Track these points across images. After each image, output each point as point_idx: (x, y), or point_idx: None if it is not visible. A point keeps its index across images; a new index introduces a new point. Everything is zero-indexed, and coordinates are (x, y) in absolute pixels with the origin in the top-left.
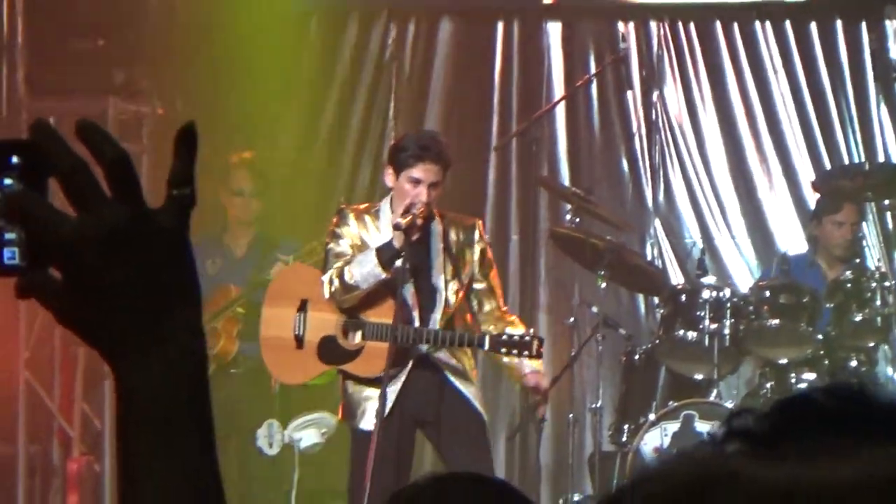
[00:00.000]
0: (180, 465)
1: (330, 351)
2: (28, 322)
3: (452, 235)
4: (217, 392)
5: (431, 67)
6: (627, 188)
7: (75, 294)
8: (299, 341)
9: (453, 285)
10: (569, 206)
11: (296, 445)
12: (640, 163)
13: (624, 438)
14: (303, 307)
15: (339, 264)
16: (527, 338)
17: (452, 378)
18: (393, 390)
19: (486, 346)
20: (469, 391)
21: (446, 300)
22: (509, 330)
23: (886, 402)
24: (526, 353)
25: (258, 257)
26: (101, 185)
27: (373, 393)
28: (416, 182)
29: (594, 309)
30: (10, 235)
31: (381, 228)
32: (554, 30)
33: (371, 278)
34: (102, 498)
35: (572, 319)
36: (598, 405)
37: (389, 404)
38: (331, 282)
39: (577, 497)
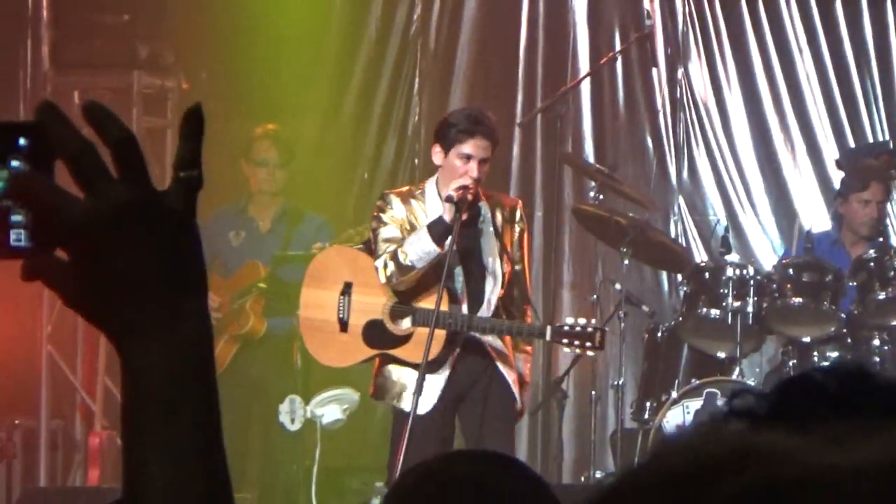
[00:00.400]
0: (187, 447)
1: (377, 335)
2: (51, 295)
3: (498, 216)
4: (243, 368)
5: (456, 43)
6: (652, 165)
7: (82, 276)
8: (343, 325)
9: (504, 267)
10: (593, 183)
11: (318, 421)
12: (665, 140)
13: (646, 416)
14: (346, 290)
15: (391, 248)
16: (589, 329)
17: (498, 362)
18: (444, 376)
19: (549, 337)
20: (510, 377)
21: (500, 283)
22: (569, 320)
23: (887, 382)
24: (589, 343)
25: (283, 232)
26: (108, 166)
27: (413, 374)
28: (467, 158)
29: (617, 286)
30: (16, 217)
31: (427, 211)
32: (580, 6)
33: (426, 256)
34: None
35: (595, 296)
36: (621, 382)
37: (439, 389)
38: (385, 265)
39: (599, 474)
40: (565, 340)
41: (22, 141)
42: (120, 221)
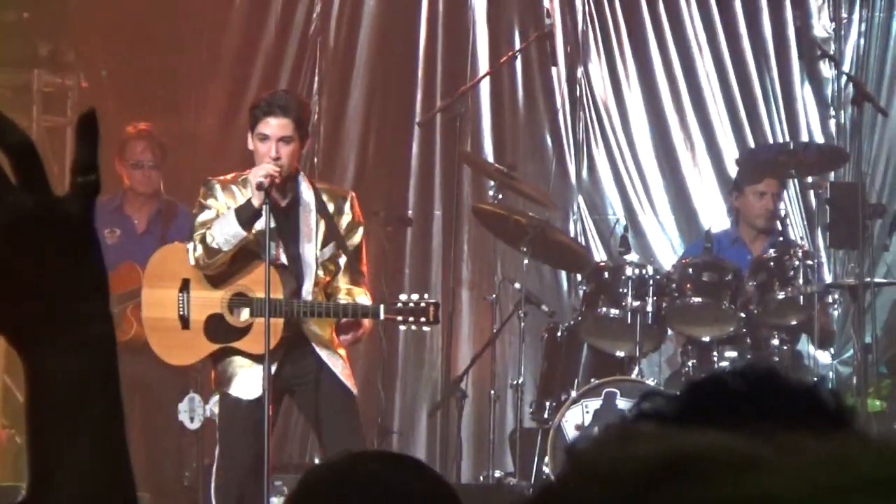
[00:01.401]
0: (94, 449)
1: (217, 329)
2: None
3: (330, 204)
4: (130, 371)
5: (356, 43)
6: (551, 165)
7: None
8: (184, 322)
9: (325, 252)
10: (492, 182)
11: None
12: (565, 139)
13: (546, 415)
14: (185, 287)
15: (201, 231)
16: (423, 304)
17: (318, 349)
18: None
19: (382, 315)
20: (335, 364)
21: (316, 269)
22: (402, 296)
23: (795, 384)
24: (423, 319)
25: (159, 231)
26: (5, 172)
27: (245, 361)
28: (265, 138)
29: (517, 285)
30: None
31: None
32: (479, 5)
33: (232, 239)
34: (22, 471)
35: (494, 296)
36: (520, 382)
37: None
38: (195, 248)
39: (497, 473)
40: (399, 318)
41: None
42: (19, 227)
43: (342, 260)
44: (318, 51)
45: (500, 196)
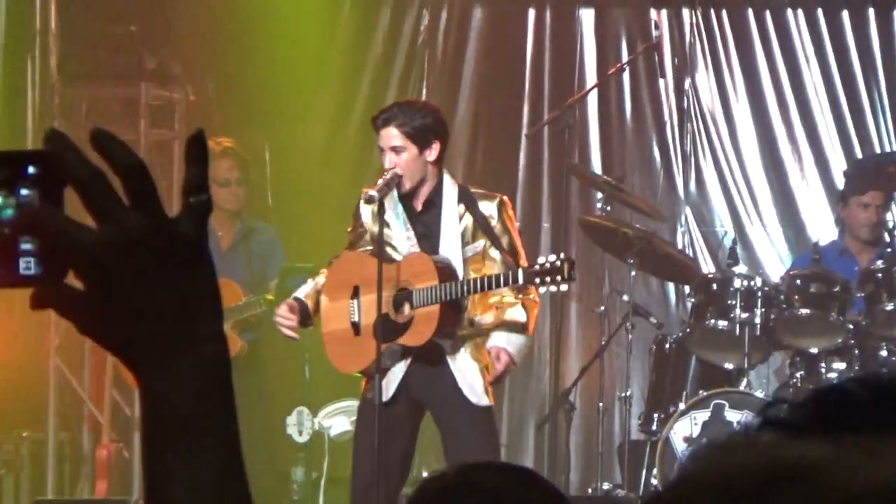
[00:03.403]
0: (207, 470)
1: (385, 329)
2: None
3: (476, 205)
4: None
5: (463, 55)
6: (659, 177)
7: (95, 304)
8: (356, 328)
9: (468, 250)
10: (600, 195)
11: (326, 433)
12: (672, 151)
13: (654, 427)
14: (355, 294)
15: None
16: (557, 262)
17: (450, 360)
18: (402, 368)
19: (521, 280)
20: (460, 374)
21: (463, 266)
22: (540, 259)
23: None
24: (559, 277)
25: (246, 253)
26: (118, 193)
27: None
28: (382, 150)
29: (625, 297)
30: (26, 246)
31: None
32: (587, 17)
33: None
34: (131, 485)
35: (602, 308)
36: (628, 394)
37: (398, 380)
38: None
39: (606, 486)
40: (537, 280)
41: (31, 169)
42: (133, 249)
43: (495, 255)
44: (425, 63)
45: (608, 208)
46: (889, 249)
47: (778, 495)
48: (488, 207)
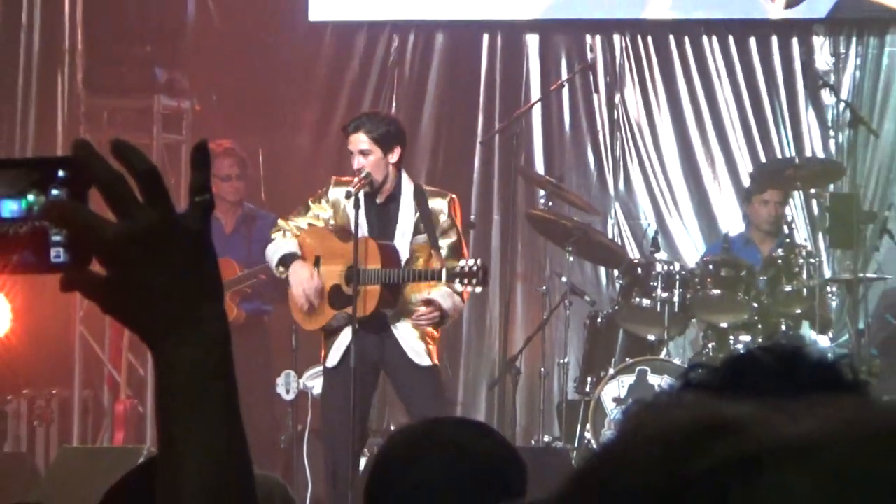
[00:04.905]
0: (214, 428)
1: (337, 298)
2: None
3: (427, 202)
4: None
5: (427, 73)
6: (593, 177)
7: (117, 287)
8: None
9: (417, 239)
10: (542, 192)
11: (309, 392)
12: (604, 155)
13: (587, 389)
14: (316, 263)
15: (282, 225)
16: (474, 268)
17: (397, 328)
18: (348, 335)
19: (445, 278)
20: (406, 341)
21: (408, 253)
22: (461, 262)
23: (818, 359)
24: (474, 280)
25: (245, 231)
26: (135, 193)
27: (334, 334)
28: (352, 153)
29: (563, 279)
30: (56, 238)
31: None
32: (532, 41)
33: (272, 258)
34: (144, 435)
35: (544, 288)
36: (566, 361)
37: (343, 347)
38: (277, 228)
39: (546, 438)
40: (457, 280)
41: (61, 172)
42: (148, 240)
43: (442, 250)
44: (395, 80)
45: (550, 203)
46: (787, 240)
47: (708, 444)
48: (440, 203)
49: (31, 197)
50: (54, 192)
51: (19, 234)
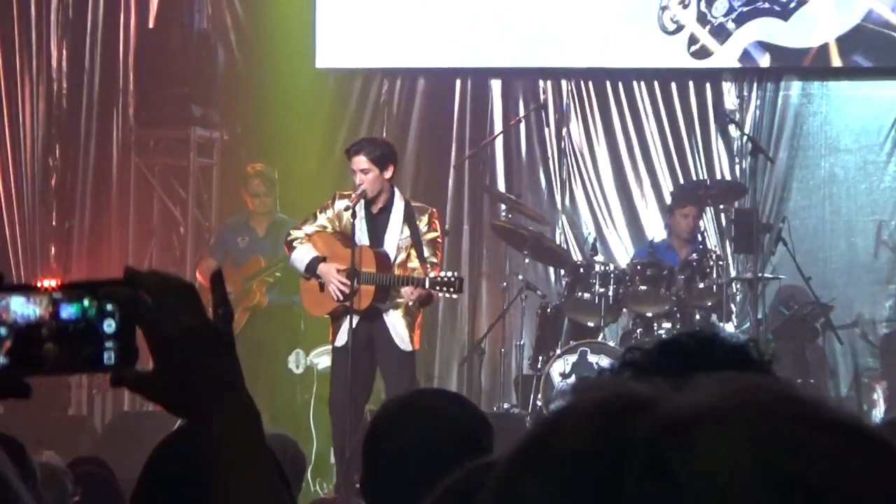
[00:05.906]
0: (260, 484)
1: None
2: None
3: (413, 214)
4: (250, 331)
5: (411, 110)
6: (544, 195)
7: (164, 379)
8: (321, 286)
9: (403, 243)
10: (504, 207)
11: (315, 367)
12: (553, 177)
13: (539, 366)
14: (322, 261)
15: (296, 233)
16: (453, 278)
17: (385, 318)
18: (349, 322)
19: (427, 285)
20: (396, 328)
21: (396, 256)
22: (443, 273)
23: (730, 343)
24: (452, 289)
25: (274, 237)
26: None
27: (340, 318)
28: (353, 172)
29: (520, 277)
30: (109, 344)
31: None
32: (495, 85)
33: (298, 265)
34: None
35: (505, 284)
36: (522, 343)
37: (347, 330)
38: (289, 234)
39: (506, 405)
40: (437, 287)
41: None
42: (193, 337)
43: (424, 254)
44: (385, 115)
45: (510, 216)
46: (701, 246)
47: (631, 416)
48: (423, 214)
49: (86, 302)
50: (108, 306)
51: (77, 330)
